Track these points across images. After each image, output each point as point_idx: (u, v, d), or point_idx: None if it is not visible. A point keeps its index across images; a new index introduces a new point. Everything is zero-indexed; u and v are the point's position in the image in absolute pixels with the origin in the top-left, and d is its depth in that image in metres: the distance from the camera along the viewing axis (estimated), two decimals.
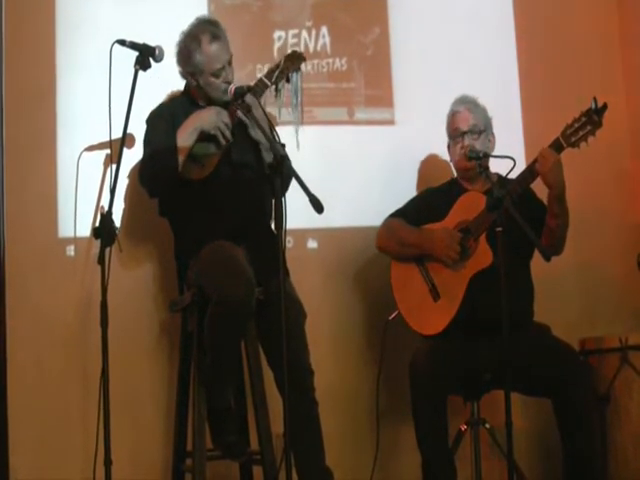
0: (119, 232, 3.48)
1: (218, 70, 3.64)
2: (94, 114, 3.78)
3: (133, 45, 3.40)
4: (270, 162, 3.15)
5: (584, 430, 3.50)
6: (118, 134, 3.33)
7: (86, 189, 3.94)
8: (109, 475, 3.14)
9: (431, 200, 3.91)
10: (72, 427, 3.85)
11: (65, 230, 3.97)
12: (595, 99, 3.46)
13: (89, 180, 3.94)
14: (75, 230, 3.95)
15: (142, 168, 3.66)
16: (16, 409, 3.81)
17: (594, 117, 3.46)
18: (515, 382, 3.30)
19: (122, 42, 3.40)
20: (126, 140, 3.33)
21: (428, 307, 3.72)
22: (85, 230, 3.92)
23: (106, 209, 3.28)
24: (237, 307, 3.33)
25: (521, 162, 3.84)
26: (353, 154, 4.29)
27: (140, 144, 3.71)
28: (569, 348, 3.66)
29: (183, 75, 3.73)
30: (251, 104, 3.41)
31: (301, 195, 2.96)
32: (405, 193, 4.07)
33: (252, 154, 3.68)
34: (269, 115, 3.52)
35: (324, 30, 4.33)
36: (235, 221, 3.61)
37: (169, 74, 3.73)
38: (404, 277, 3.81)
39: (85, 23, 4.04)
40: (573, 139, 3.49)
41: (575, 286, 4.45)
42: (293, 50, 3.89)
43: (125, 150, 3.32)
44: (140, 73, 3.37)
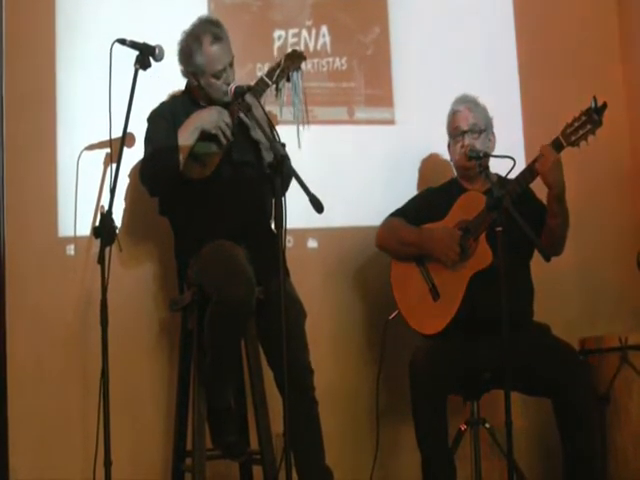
0: (119, 231, 3.47)
1: (219, 71, 3.63)
2: (94, 113, 3.78)
3: (133, 44, 3.39)
4: (270, 161, 3.15)
5: (584, 430, 3.49)
6: (118, 133, 3.33)
7: (86, 188, 3.93)
8: (109, 475, 3.14)
9: (431, 199, 3.90)
10: (72, 427, 3.85)
11: (65, 229, 3.97)
12: (595, 98, 3.46)
13: (89, 179, 3.94)
14: (75, 229, 3.95)
15: (143, 167, 3.65)
16: (16, 409, 3.81)
17: (594, 116, 3.46)
18: (515, 382, 3.30)
19: (122, 41, 3.40)
20: (126, 139, 3.33)
21: (428, 307, 3.72)
22: (85, 229, 3.92)
23: (106, 208, 3.28)
24: (237, 306, 3.33)
25: (521, 162, 3.84)
26: (353, 154, 4.29)
27: (140, 143, 3.71)
28: (569, 348, 3.66)
29: (184, 74, 3.72)
30: (251, 104, 3.41)
31: (301, 195, 2.96)
32: (405, 193, 4.06)
33: (252, 154, 3.68)
34: (270, 114, 3.52)
35: (324, 29, 4.33)
36: (235, 220, 3.61)
37: (169, 73, 3.73)
38: (404, 277, 3.81)
39: (85, 22, 4.04)
40: (573, 138, 3.50)
41: (575, 286, 4.45)
42: (293, 49, 3.89)
43: (125, 149, 3.32)
44: (140, 72, 3.37)
